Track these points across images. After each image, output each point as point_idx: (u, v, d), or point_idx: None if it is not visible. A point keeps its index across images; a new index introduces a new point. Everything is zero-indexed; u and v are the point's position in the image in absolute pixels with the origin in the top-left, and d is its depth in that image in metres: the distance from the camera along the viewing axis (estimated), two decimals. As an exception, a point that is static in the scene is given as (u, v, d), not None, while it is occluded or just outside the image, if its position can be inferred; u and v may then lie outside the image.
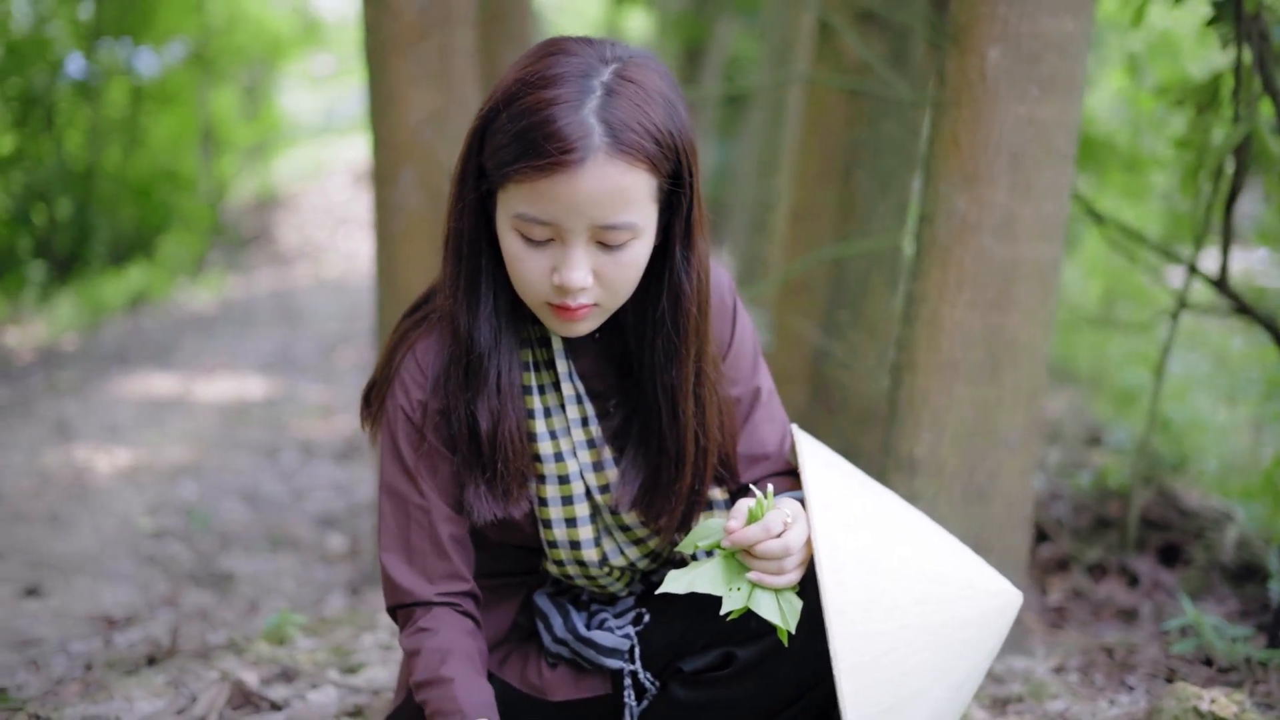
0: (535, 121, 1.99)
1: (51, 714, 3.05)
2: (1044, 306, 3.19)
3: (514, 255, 2.09)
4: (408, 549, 2.29)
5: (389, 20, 4.36)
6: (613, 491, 2.29)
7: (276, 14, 18.20)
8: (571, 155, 1.98)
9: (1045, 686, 3.04)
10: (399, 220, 4.45)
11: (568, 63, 2.04)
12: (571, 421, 2.28)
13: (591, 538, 2.30)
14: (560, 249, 2.06)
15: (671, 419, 2.25)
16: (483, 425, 2.21)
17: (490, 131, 2.07)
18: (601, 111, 2.00)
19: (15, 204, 12.32)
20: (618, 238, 2.05)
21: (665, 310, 2.20)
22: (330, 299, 12.97)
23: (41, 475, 6.33)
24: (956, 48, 3.13)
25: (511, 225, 2.07)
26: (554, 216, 2.02)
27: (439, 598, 2.28)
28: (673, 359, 2.22)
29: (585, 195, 2.00)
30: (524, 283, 2.11)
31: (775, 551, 2.03)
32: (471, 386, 2.21)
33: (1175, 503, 4.49)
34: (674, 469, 2.27)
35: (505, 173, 2.03)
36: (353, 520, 5.86)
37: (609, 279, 2.09)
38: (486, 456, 2.22)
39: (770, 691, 2.23)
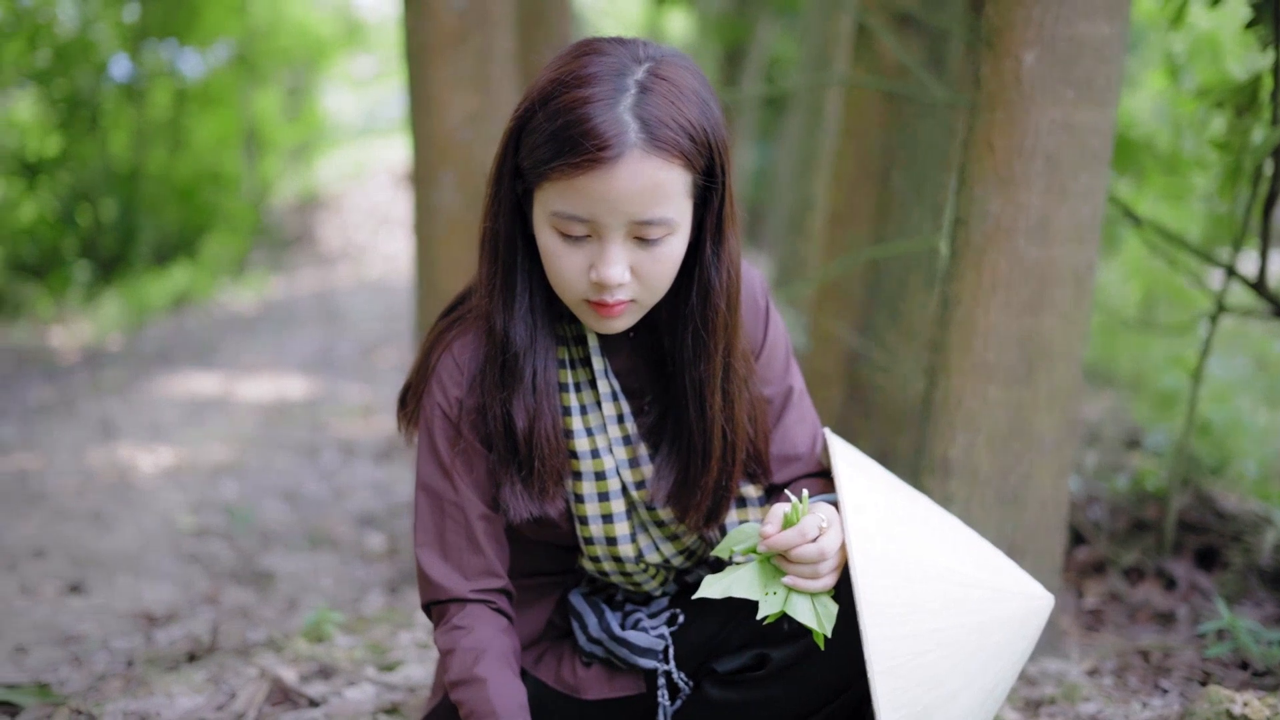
0: (571, 119, 2.02)
1: (93, 709, 3.10)
2: (1079, 309, 3.19)
3: (552, 253, 2.11)
4: (443, 546, 2.32)
5: (428, 24, 4.40)
6: (648, 487, 2.31)
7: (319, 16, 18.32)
8: (608, 152, 2.00)
9: (1078, 689, 3.04)
10: (438, 222, 4.49)
11: (602, 62, 2.07)
12: (607, 418, 2.30)
13: (627, 534, 2.33)
14: (598, 245, 2.08)
15: (699, 414, 2.27)
16: (519, 423, 2.23)
17: (526, 131, 2.09)
18: (636, 108, 2.03)
19: (61, 205, 12.44)
20: (654, 233, 2.07)
21: (695, 305, 2.22)
22: (371, 299, 13.04)
23: (85, 474, 6.39)
24: (991, 51, 3.14)
25: (549, 223, 2.09)
26: (591, 213, 2.04)
27: (473, 594, 2.30)
28: (701, 354, 2.24)
29: (622, 191, 2.02)
30: (562, 280, 2.13)
31: (811, 556, 2.05)
32: (508, 385, 2.23)
33: (1213, 506, 4.47)
34: (701, 463, 2.29)
35: (542, 171, 2.05)
36: (392, 520, 5.89)
37: (645, 275, 2.11)
38: (523, 454, 2.24)
39: (803, 693, 2.24)
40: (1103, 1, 3.07)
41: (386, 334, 11.27)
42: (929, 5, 4.48)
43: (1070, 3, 3.04)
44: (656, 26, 17.04)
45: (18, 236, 11.80)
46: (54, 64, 12.32)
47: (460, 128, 4.41)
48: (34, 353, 10.21)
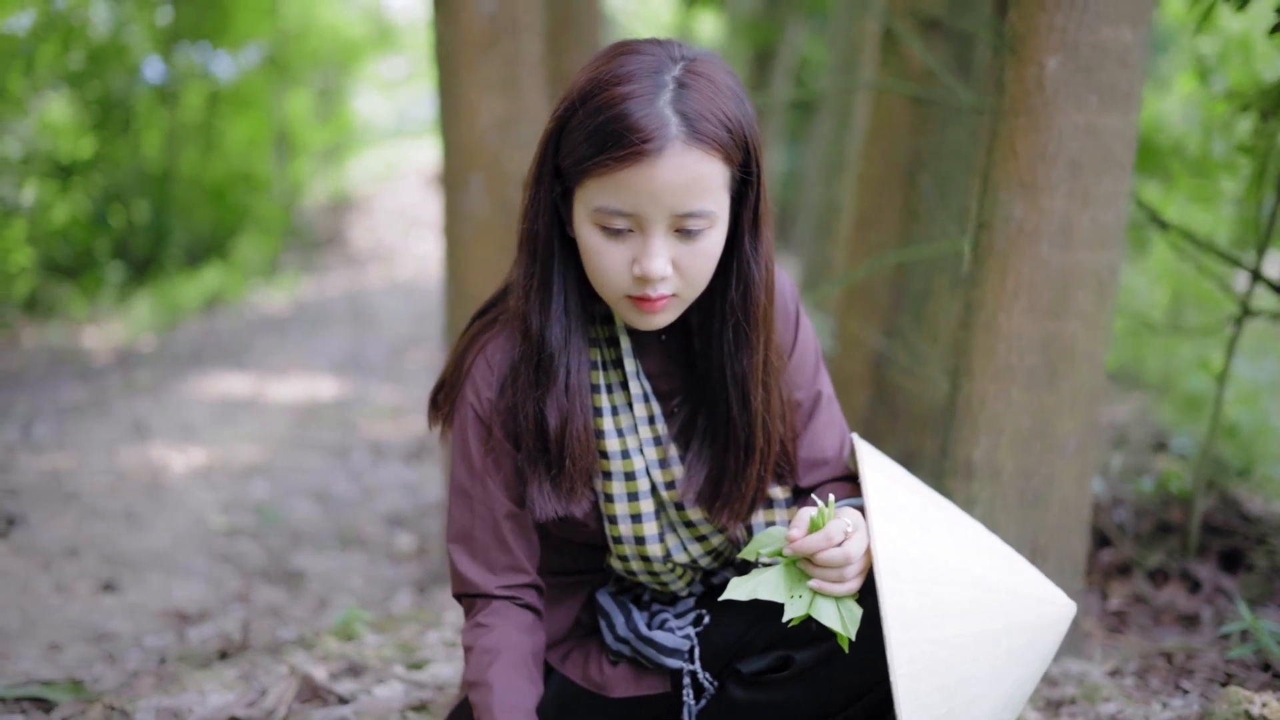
0: (613, 115, 2.05)
1: (126, 706, 3.14)
2: (1102, 313, 3.21)
3: (594, 249, 2.14)
4: (471, 542, 2.36)
5: (458, 29, 4.43)
6: (679, 486, 2.34)
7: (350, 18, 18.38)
8: (650, 145, 2.04)
9: (1099, 689, 3.06)
10: (467, 225, 4.52)
11: (639, 60, 2.11)
12: (638, 419, 2.34)
13: (656, 533, 2.36)
14: (640, 240, 2.11)
15: (742, 407, 2.30)
16: (551, 422, 2.26)
17: (566, 131, 2.13)
18: (676, 103, 2.07)
19: (94, 206, 12.52)
20: (695, 225, 2.11)
21: (735, 299, 2.25)
22: (401, 301, 13.10)
23: (118, 473, 6.45)
24: (1015, 57, 3.16)
25: (591, 219, 2.12)
26: (634, 206, 2.08)
27: (500, 590, 2.35)
28: (743, 347, 2.27)
29: (664, 184, 2.06)
30: (604, 276, 2.16)
31: (836, 560, 2.07)
32: (541, 384, 2.26)
33: (1238, 508, 4.49)
34: (742, 455, 2.31)
35: (584, 167, 2.09)
36: (421, 520, 5.94)
37: (687, 268, 2.14)
38: (554, 453, 2.28)
39: (826, 694, 2.27)
40: (1125, 8, 3.08)
41: (416, 335, 11.33)
42: (955, 10, 4.50)
43: (1093, 9, 3.06)
44: (687, 28, 17.08)
45: (51, 238, 11.87)
46: (87, 66, 12.40)
47: (489, 132, 4.45)
48: (67, 353, 10.29)
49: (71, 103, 12.62)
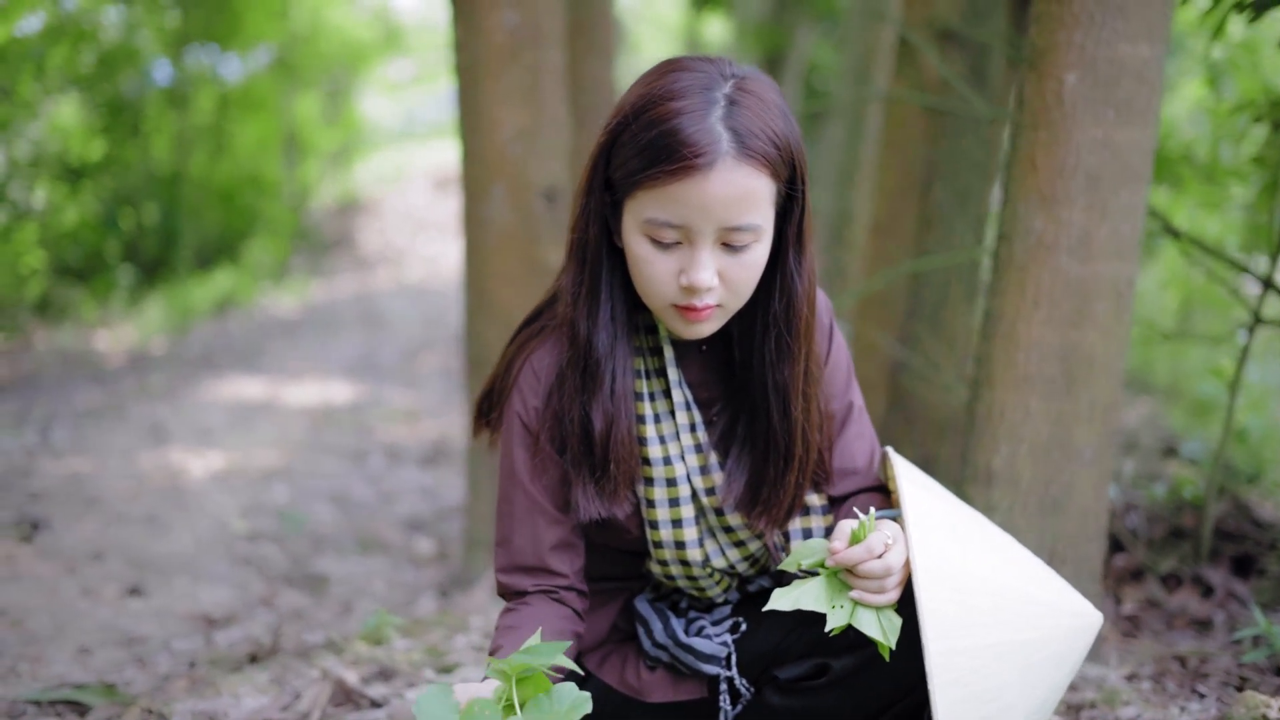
0: (665, 130, 2.12)
1: (163, 709, 3.19)
2: (1119, 324, 3.26)
3: (643, 259, 2.20)
4: (509, 546, 2.42)
5: (480, 40, 4.48)
6: (719, 492, 2.40)
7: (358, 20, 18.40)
8: (702, 159, 2.10)
9: (1118, 693, 3.11)
10: (488, 234, 4.57)
11: (691, 77, 2.17)
12: (680, 427, 2.39)
13: (696, 538, 2.41)
14: (688, 251, 2.17)
15: (783, 415, 2.36)
16: (596, 426, 2.32)
17: (618, 144, 2.20)
18: (727, 120, 2.13)
19: (104, 209, 12.53)
20: (742, 239, 2.17)
21: (778, 311, 2.32)
22: (411, 304, 13.13)
23: (138, 478, 6.50)
24: (1035, 72, 3.21)
25: (641, 230, 2.19)
26: (684, 219, 2.14)
27: (534, 587, 2.41)
28: (785, 357, 2.34)
29: (714, 197, 2.12)
30: (651, 286, 2.22)
31: (877, 572, 2.13)
32: (588, 388, 2.32)
33: (1250, 514, 4.52)
34: (782, 463, 2.38)
35: (636, 180, 2.16)
36: (440, 524, 5.98)
37: (732, 280, 2.21)
38: (598, 457, 2.34)
39: (862, 701, 2.32)
40: (1143, 24, 3.14)
41: (428, 339, 11.37)
42: (971, 20, 4.55)
43: (1111, 26, 3.12)
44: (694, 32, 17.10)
45: (61, 240, 11.91)
46: (98, 69, 12.44)
47: (511, 142, 4.50)
48: (80, 356, 10.33)
49: (81, 105, 12.65)
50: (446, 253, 15.56)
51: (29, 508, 5.79)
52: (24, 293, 11.10)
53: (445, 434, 7.88)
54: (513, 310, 4.54)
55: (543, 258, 4.60)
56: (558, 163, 4.61)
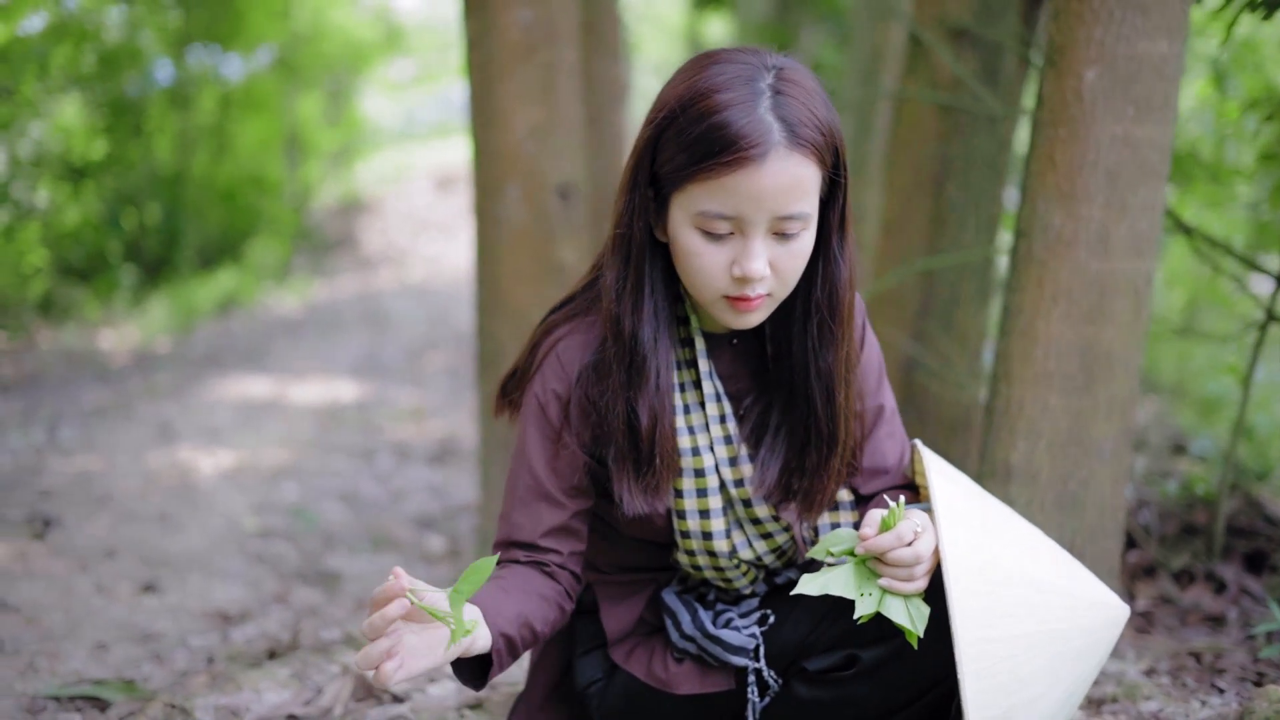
0: (716, 123, 2.14)
1: (184, 703, 3.20)
2: (1137, 320, 3.27)
3: (694, 251, 2.22)
4: (510, 523, 2.45)
5: (494, 38, 4.48)
6: (748, 484, 2.42)
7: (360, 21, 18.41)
8: (756, 151, 2.13)
9: (1139, 688, 3.12)
10: (502, 233, 4.57)
11: (734, 69, 2.20)
12: (710, 418, 2.41)
13: (723, 529, 2.43)
14: (740, 242, 2.20)
15: (827, 402, 2.39)
16: (643, 421, 2.34)
17: (665, 139, 2.22)
18: (776, 110, 2.16)
19: (106, 209, 12.54)
20: (793, 227, 2.20)
21: (820, 297, 2.35)
22: (414, 303, 13.14)
23: (147, 476, 6.51)
24: (1054, 69, 3.22)
25: (692, 223, 2.21)
26: (738, 210, 2.17)
27: (526, 559, 2.42)
28: (828, 344, 2.37)
29: (767, 188, 2.15)
30: (702, 278, 2.24)
31: (907, 559, 2.15)
32: (634, 384, 2.34)
33: (1261, 510, 4.54)
34: (825, 449, 2.40)
35: (688, 173, 2.18)
36: (450, 522, 5.99)
37: (782, 269, 2.23)
38: (644, 452, 2.35)
39: (890, 692, 2.34)
40: (1162, 21, 3.15)
41: (432, 338, 11.37)
42: (983, 19, 4.56)
43: (1131, 22, 3.13)
44: (696, 31, 17.12)
45: (64, 240, 11.92)
46: (100, 69, 12.45)
47: (526, 140, 4.50)
48: (84, 355, 10.34)
49: (84, 105, 12.66)
50: (449, 252, 15.56)
51: (40, 505, 5.80)
52: (27, 292, 11.11)
53: (453, 433, 7.89)
54: (527, 308, 4.54)
55: (557, 256, 4.60)
56: (573, 160, 4.61)
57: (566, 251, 4.61)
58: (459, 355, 10.46)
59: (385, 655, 2.02)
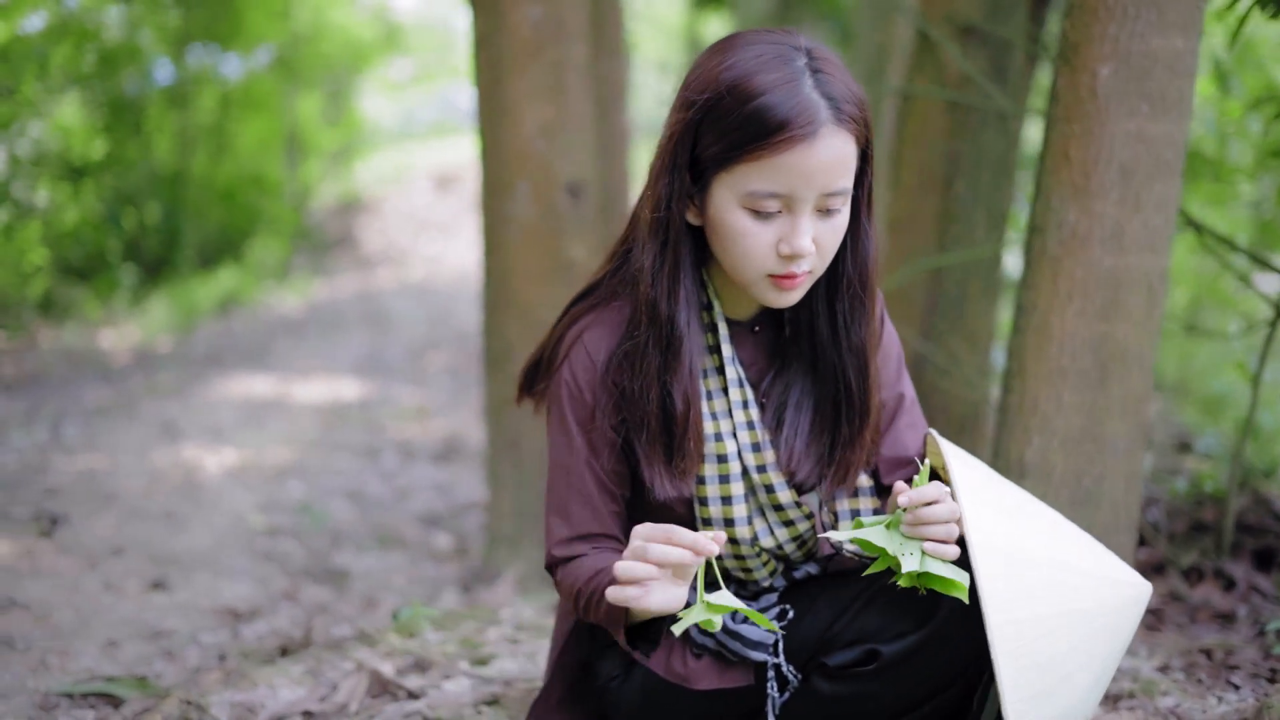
0: (766, 103, 2.17)
1: (199, 700, 3.20)
2: (1151, 316, 3.27)
3: (743, 231, 2.24)
4: (570, 519, 2.45)
5: (504, 36, 4.49)
6: (771, 469, 2.43)
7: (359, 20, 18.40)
8: (808, 129, 2.16)
9: (1155, 684, 3.12)
10: (512, 230, 4.58)
11: (770, 49, 2.22)
12: (733, 404, 2.42)
13: (745, 515, 2.43)
14: (788, 219, 2.23)
15: (860, 374, 2.43)
16: (678, 406, 2.35)
17: (707, 122, 2.23)
18: (819, 88, 2.19)
19: (105, 208, 12.53)
20: (836, 203, 2.24)
21: (851, 271, 2.39)
22: (415, 303, 13.13)
23: (153, 474, 6.50)
24: (1068, 66, 3.22)
25: (740, 203, 2.23)
26: (789, 188, 2.19)
27: (592, 550, 2.44)
28: (859, 316, 2.41)
29: (817, 165, 2.18)
30: (748, 258, 2.26)
31: (944, 515, 2.16)
32: (670, 368, 2.35)
33: (1270, 508, 4.54)
34: (858, 421, 2.44)
35: (738, 154, 2.19)
36: (456, 520, 5.99)
37: (824, 245, 2.27)
38: (677, 436, 2.36)
39: (911, 687, 2.34)
40: (1176, 17, 3.15)
41: (434, 337, 11.37)
42: (992, 16, 4.56)
43: (1145, 19, 3.13)
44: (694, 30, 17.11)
45: (63, 239, 11.91)
46: (99, 68, 12.44)
47: (536, 138, 4.51)
48: (86, 354, 10.33)
49: (83, 104, 12.65)
50: (448, 252, 15.55)
51: (46, 504, 5.80)
52: (27, 291, 11.10)
53: (457, 431, 7.89)
54: (537, 306, 4.55)
55: (567, 253, 4.61)
56: (583, 158, 4.62)
57: (576, 249, 4.61)
58: (461, 354, 10.46)
59: (640, 580, 2.10)
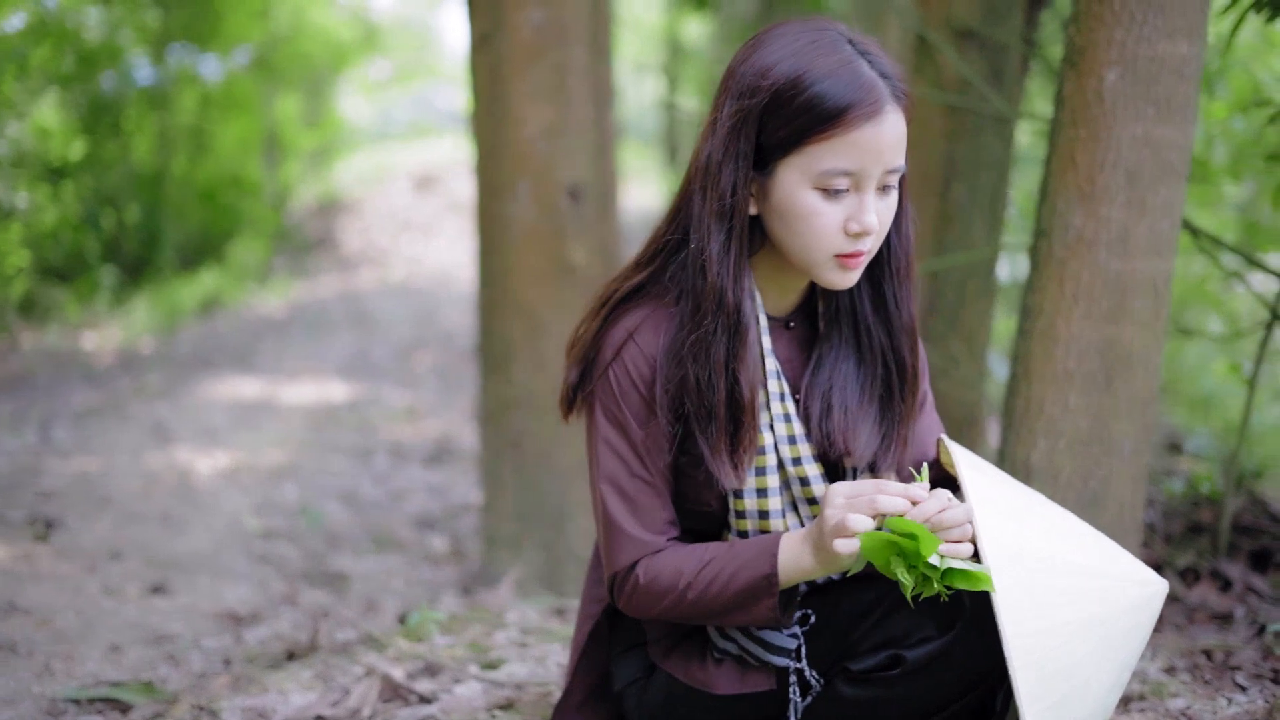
0: (834, 84, 2.21)
1: (211, 705, 3.20)
2: (1156, 319, 3.29)
3: (814, 211, 2.26)
4: (636, 508, 2.43)
5: (505, 38, 4.50)
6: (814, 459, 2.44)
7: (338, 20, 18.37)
8: (876, 105, 2.21)
9: (1164, 686, 3.14)
10: (513, 231, 4.59)
11: (819, 35, 2.28)
12: (771, 396, 2.42)
13: (779, 508, 2.43)
14: (854, 198, 2.26)
15: (913, 352, 2.48)
16: (745, 394, 2.35)
17: (771, 108, 2.25)
18: (874, 68, 2.24)
19: (85, 209, 12.49)
20: (894, 180, 2.29)
21: (899, 250, 2.44)
22: (398, 303, 13.12)
23: (147, 477, 6.50)
24: (1074, 70, 3.24)
25: (814, 184, 2.25)
26: (861, 164, 2.23)
27: (666, 544, 2.43)
28: (909, 294, 2.47)
29: (885, 141, 2.23)
30: (818, 238, 2.28)
31: (959, 518, 2.16)
32: (737, 356, 2.35)
33: (1266, 509, 4.57)
34: (910, 396, 2.50)
35: (808, 135, 2.22)
36: (451, 522, 6.00)
37: (884, 222, 2.31)
38: (745, 424, 2.36)
39: (934, 691, 2.34)
40: (1182, 22, 3.17)
41: (420, 338, 11.36)
42: (989, 20, 4.58)
43: (1151, 24, 3.15)
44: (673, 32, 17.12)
45: (43, 240, 11.87)
46: (78, 69, 12.40)
47: (537, 140, 4.52)
48: (69, 356, 10.31)
49: (62, 105, 12.61)
50: (429, 252, 15.55)
51: (41, 507, 5.80)
52: (9, 292, 11.06)
53: (447, 433, 7.90)
54: (538, 308, 4.56)
55: (567, 255, 4.62)
56: (583, 160, 4.63)
57: (576, 251, 4.62)
58: (447, 355, 10.46)
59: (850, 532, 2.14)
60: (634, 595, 2.42)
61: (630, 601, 2.43)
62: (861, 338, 2.47)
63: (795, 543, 2.28)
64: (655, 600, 2.40)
